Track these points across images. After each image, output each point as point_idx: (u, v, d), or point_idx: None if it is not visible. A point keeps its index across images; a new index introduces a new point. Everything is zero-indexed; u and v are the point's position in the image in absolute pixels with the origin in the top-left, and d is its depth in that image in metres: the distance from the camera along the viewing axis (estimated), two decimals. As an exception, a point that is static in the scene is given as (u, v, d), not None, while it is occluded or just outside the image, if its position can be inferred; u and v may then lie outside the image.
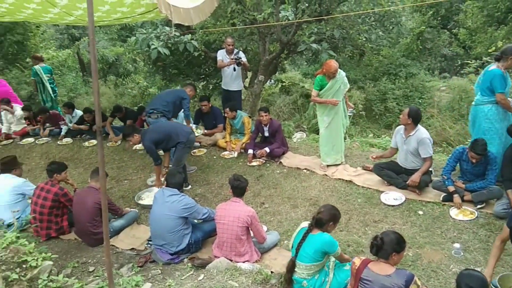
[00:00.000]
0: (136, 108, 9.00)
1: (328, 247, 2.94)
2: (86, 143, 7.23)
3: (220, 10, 7.25)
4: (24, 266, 2.67)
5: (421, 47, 14.77)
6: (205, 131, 6.73)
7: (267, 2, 7.27)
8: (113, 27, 17.78)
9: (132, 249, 4.16)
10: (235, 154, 6.04)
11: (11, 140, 7.77)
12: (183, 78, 15.63)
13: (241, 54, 6.15)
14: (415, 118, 4.51)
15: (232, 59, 6.06)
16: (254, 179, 5.39)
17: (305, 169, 5.46)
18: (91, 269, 3.82)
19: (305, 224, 3.21)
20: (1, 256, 2.61)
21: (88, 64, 16.97)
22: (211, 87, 14.56)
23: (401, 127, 4.75)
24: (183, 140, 4.92)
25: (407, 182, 4.55)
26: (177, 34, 10.17)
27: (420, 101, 11.09)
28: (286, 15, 7.66)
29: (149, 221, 3.96)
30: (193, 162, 6.02)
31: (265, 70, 7.51)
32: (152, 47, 9.60)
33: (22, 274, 2.62)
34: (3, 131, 7.89)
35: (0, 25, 8.93)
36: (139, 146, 6.80)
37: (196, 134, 6.26)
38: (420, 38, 14.65)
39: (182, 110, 5.86)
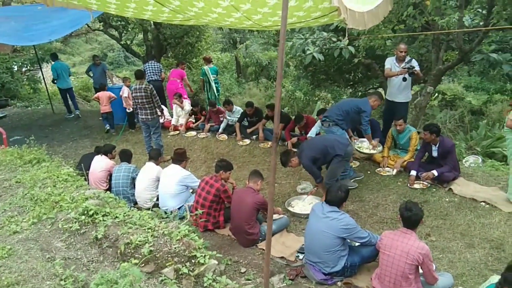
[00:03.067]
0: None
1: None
2: (240, 142, 7.58)
3: (391, 15, 6.69)
4: (193, 261, 2.74)
5: None
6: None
7: (451, 6, 6.41)
8: (269, 31, 18.70)
9: (282, 257, 4.06)
10: (394, 172, 5.46)
11: (178, 132, 8.69)
12: (330, 84, 15.41)
13: (414, 63, 5.50)
14: None
15: (403, 68, 5.48)
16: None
17: (484, 201, 4.56)
18: (242, 270, 3.84)
19: (494, 279, 2.56)
20: (175, 248, 2.73)
21: (244, 66, 18.17)
22: (359, 94, 13.98)
23: None
24: (340, 153, 4.63)
25: None
26: (333, 39, 9.95)
27: None
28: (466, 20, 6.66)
29: (304, 233, 3.78)
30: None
31: (435, 81, 6.66)
32: (308, 52, 9.63)
33: (191, 269, 2.69)
34: (172, 122, 8.89)
35: (180, 27, 10.11)
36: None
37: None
38: None
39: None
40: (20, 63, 14.60)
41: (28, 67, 15.69)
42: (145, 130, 7.14)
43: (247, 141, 7.59)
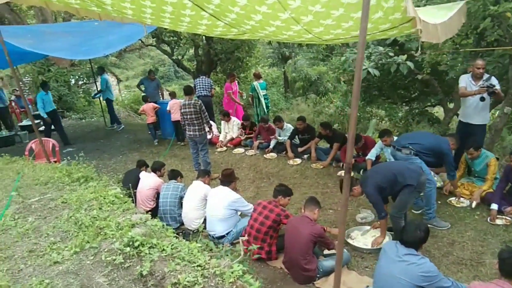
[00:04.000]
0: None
1: None
2: (291, 161, 7.17)
3: (464, 28, 6.07)
4: (247, 309, 2.35)
5: None
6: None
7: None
8: (318, 46, 18.29)
9: (342, 300, 3.57)
10: (473, 205, 4.77)
11: (225, 148, 8.45)
12: (384, 100, 14.64)
13: (494, 81, 4.85)
14: None
15: (482, 86, 4.84)
16: (499, 242, 4.08)
17: None
18: (298, 312, 3.40)
19: None
20: (228, 292, 2.36)
21: (291, 81, 17.84)
22: (416, 112, 13.15)
23: None
24: (411, 183, 4.03)
25: None
26: (390, 54, 9.37)
27: None
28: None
29: (373, 278, 3.26)
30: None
31: (514, 100, 5.89)
32: (363, 67, 9.12)
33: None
34: (220, 139, 8.67)
35: (231, 42, 9.99)
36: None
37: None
38: None
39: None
40: (77, 77, 15.26)
41: (84, 81, 16.41)
42: (193, 147, 6.95)
43: (298, 160, 7.16)
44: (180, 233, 4.82)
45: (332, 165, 6.74)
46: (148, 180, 5.66)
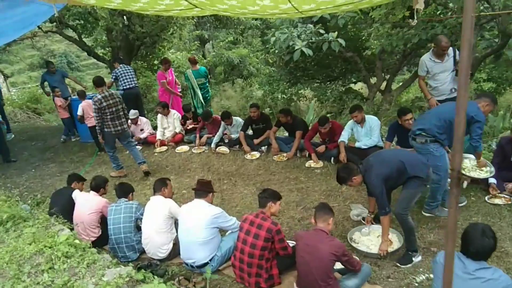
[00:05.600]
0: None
1: None
2: (248, 156, 6.40)
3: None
4: None
5: None
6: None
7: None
8: (237, 27, 17.49)
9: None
10: (465, 185, 4.51)
11: (166, 148, 7.32)
12: (308, 80, 14.59)
13: (457, 54, 4.64)
14: None
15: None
16: (509, 225, 3.89)
17: None
18: None
19: None
20: None
21: (212, 66, 16.79)
22: (343, 89, 13.31)
23: None
24: (420, 174, 3.56)
25: None
26: (321, 31, 9.10)
27: None
28: None
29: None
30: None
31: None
32: (296, 47, 8.67)
33: None
34: (157, 137, 7.50)
35: (155, 23, 8.61)
36: (314, 164, 5.77)
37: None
38: None
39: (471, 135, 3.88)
40: None
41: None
42: (112, 146, 6.23)
43: (257, 154, 6.43)
44: (144, 266, 3.78)
45: (297, 155, 6.14)
46: (87, 202, 4.44)
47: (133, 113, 7.38)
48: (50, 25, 9.94)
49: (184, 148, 7.19)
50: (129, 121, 7.38)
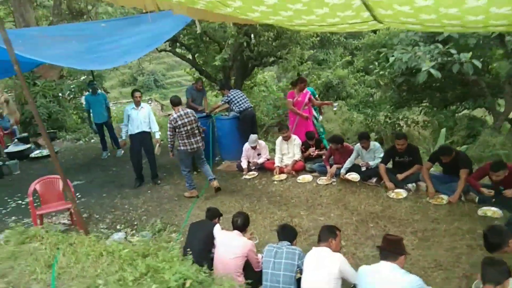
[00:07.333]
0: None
1: None
2: (393, 194, 5.41)
3: None
4: None
5: None
6: None
7: None
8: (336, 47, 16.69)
9: None
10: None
11: (285, 176, 6.60)
12: (417, 104, 13.29)
13: None
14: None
15: None
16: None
17: None
18: None
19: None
20: None
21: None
22: (459, 116, 11.75)
23: None
24: None
25: None
26: (452, 51, 8.05)
27: None
28: None
29: None
30: None
31: None
32: (423, 68, 7.70)
33: None
34: (276, 163, 6.82)
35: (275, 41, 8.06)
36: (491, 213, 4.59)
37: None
38: None
39: None
40: (69, 90, 13.07)
41: (74, 95, 14.17)
42: (188, 164, 6.30)
43: (403, 192, 5.41)
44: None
45: (461, 199, 5.01)
46: (233, 243, 3.80)
47: (253, 139, 6.84)
48: (164, 44, 9.98)
49: (307, 177, 6.41)
50: (248, 144, 6.87)
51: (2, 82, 14.07)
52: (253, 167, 7.01)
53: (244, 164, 6.96)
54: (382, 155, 5.84)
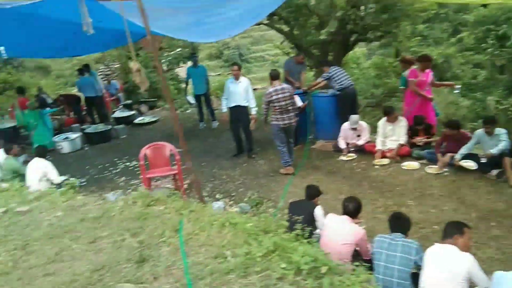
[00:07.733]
0: None
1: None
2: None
3: None
4: None
5: None
6: None
7: None
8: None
9: None
10: None
11: (387, 161, 6.19)
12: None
13: None
14: None
15: None
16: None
17: None
18: None
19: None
20: None
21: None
22: None
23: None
24: None
25: None
26: None
27: None
28: None
29: None
30: None
31: None
32: None
33: None
34: (377, 147, 6.43)
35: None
36: None
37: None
38: None
39: None
40: (168, 62, 13.76)
41: (172, 66, 14.91)
42: (283, 140, 6.15)
43: (533, 191, 4.74)
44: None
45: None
46: (342, 228, 3.63)
47: (354, 120, 6.51)
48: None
49: (413, 164, 5.94)
50: (347, 125, 6.57)
51: (109, 53, 15.30)
52: (352, 149, 6.69)
53: (342, 145, 6.67)
54: (505, 143, 5.11)
